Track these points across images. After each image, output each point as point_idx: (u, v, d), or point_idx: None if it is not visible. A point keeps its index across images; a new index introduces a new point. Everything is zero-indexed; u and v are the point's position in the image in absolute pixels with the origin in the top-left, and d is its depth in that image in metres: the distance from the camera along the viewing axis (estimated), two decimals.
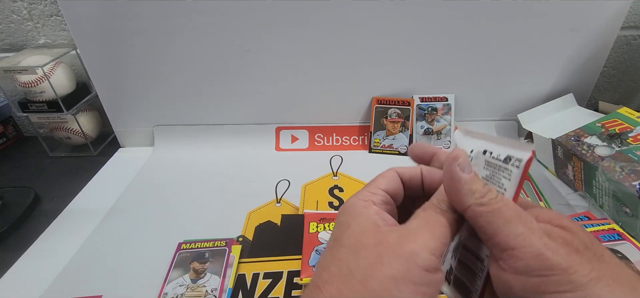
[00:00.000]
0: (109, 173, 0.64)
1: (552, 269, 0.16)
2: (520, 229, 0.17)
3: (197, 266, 0.44)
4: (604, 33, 0.59)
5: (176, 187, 0.60)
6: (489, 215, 0.18)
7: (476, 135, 0.22)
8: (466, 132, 0.22)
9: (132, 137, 0.71)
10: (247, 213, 0.52)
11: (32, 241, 0.50)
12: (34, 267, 0.46)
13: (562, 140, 0.52)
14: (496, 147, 0.20)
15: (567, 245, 0.17)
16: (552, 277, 0.16)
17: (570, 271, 0.16)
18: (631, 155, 0.44)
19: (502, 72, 0.63)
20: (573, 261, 0.16)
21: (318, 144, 0.69)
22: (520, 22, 0.57)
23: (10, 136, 0.76)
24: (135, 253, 0.47)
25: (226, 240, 0.47)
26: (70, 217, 0.54)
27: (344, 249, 0.20)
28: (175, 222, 0.52)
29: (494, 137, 0.21)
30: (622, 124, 0.50)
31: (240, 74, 0.63)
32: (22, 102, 0.64)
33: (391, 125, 0.65)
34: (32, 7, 0.66)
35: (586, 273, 0.16)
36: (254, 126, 0.69)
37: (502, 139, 0.20)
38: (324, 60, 0.61)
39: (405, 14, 0.57)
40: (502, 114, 0.67)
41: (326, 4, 0.56)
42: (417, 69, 0.63)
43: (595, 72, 0.64)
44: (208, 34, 0.59)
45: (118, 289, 0.42)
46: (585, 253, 0.17)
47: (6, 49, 0.71)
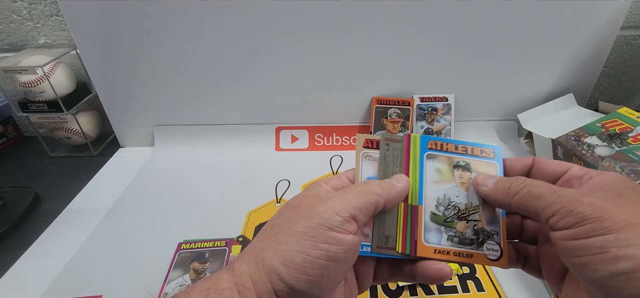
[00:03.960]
0: (109, 173, 0.64)
1: (583, 219, 0.19)
2: (551, 199, 0.20)
3: (197, 266, 0.44)
4: (604, 33, 0.59)
5: (176, 187, 0.60)
6: (523, 200, 0.22)
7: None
8: None
9: (132, 137, 0.71)
10: (247, 213, 0.52)
11: (32, 241, 0.50)
12: (34, 267, 0.46)
13: (562, 140, 0.52)
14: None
15: (604, 198, 0.19)
16: (586, 224, 0.19)
17: (602, 218, 0.18)
18: (631, 155, 0.44)
19: (502, 72, 0.63)
20: (605, 210, 0.18)
21: (318, 144, 0.69)
22: (520, 22, 0.57)
23: (10, 136, 0.76)
24: (135, 253, 0.47)
25: (226, 240, 0.47)
26: (70, 217, 0.54)
27: (276, 214, 0.24)
28: (175, 222, 0.52)
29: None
30: (622, 124, 0.50)
31: (240, 74, 0.63)
32: (22, 102, 0.64)
33: (391, 125, 0.65)
34: (32, 7, 0.66)
35: (620, 220, 0.18)
36: (254, 126, 0.69)
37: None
38: (324, 60, 0.61)
39: (406, 14, 0.57)
40: (502, 114, 0.67)
41: (326, 4, 0.56)
42: (417, 69, 0.63)
43: (595, 72, 0.64)
44: (208, 33, 0.59)
45: (118, 289, 0.42)
46: (623, 203, 0.19)
47: (6, 49, 0.71)
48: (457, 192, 0.26)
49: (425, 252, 0.25)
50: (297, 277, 0.20)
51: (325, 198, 0.23)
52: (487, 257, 0.25)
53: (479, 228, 0.26)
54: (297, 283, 0.20)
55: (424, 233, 0.26)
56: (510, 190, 0.23)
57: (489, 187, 0.25)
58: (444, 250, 0.25)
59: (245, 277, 0.21)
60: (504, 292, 0.39)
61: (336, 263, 0.21)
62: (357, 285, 0.27)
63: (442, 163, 0.27)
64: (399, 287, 0.39)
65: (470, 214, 0.26)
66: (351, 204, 0.23)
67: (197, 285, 0.22)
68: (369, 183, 0.25)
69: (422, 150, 0.27)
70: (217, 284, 0.21)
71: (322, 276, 0.21)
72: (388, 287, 0.40)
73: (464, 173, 0.27)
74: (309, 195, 0.24)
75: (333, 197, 0.23)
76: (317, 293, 0.21)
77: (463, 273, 0.41)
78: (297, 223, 0.22)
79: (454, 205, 0.26)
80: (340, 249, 0.21)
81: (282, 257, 0.21)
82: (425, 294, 0.39)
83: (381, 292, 0.39)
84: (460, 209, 0.26)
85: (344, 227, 0.22)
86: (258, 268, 0.21)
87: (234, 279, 0.21)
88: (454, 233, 0.26)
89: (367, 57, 0.61)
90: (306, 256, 0.21)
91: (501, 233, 0.25)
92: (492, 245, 0.25)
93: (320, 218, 0.22)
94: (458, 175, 0.27)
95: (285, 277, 0.20)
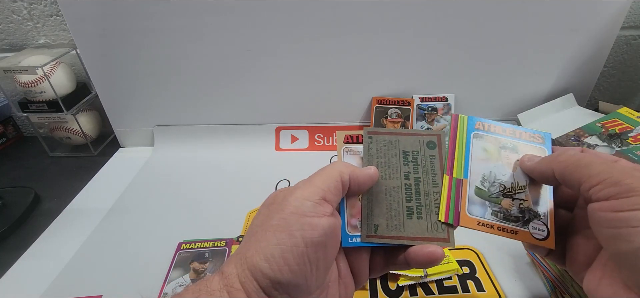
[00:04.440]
0: (109, 173, 0.64)
1: (629, 191, 0.19)
2: (601, 167, 0.21)
3: (197, 266, 0.44)
4: (604, 33, 0.59)
5: (176, 187, 0.60)
6: (569, 166, 0.22)
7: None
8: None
9: (132, 137, 0.71)
10: (247, 214, 0.52)
11: (32, 241, 0.50)
12: (34, 267, 0.46)
13: (562, 140, 0.52)
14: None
15: None
16: (629, 197, 0.19)
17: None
18: (631, 155, 0.44)
19: (502, 72, 0.63)
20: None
21: (318, 144, 0.69)
22: (520, 22, 0.57)
23: (10, 136, 0.76)
24: (135, 253, 0.47)
25: (226, 240, 0.47)
26: (70, 217, 0.54)
27: (255, 216, 0.25)
28: (175, 222, 0.52)
29: None
30: (622, 124, 0.50)
31: (240, 74, 0.63)
32: (22, 102, 0.64)
33: (391, 125, 0.65)
34: (32, 7, 0.66)
35: None
36: (254, 126, 0.69)
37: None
38: (324, 60, 0.61)
39: (406, 14, 0.57)
40: (502, 114, 0.67)
41: (326, 4, 0.56)
42: (417, 69, 0.63)
43: (595, 72, 0.64)
44: (208, 33, 0.59)
45: (118, 289, 0.42)
46: None
47: (6, 49, 0.71)
48: (504, 171, 0.27)
49: (468, 222, 0.26)
50: (279, 270, 0.21)
51: (294, 189, 0.24)
52: (533, 235, 0.25)
53: (526, 206, 0.26)
54: (281, 276, 0.21)
55: (468, 205, 0.26)
56: (559, 157, 0.23)
57: (534, 161, 0.25)
58: (487, 223, 0.26)
59: (233, 277, 0.21)
60: (504, 292, 0.39)
61: (315, 248, 0.22)
62: (353, 279, 0.27)
63: (489, 143, 0.28)
64: (399, 287, 0.39)
65: (516, 193, 0.26)
66: (319, 187, 0.23)
67: (189, 287, 0.22)
68: (332, 164, 0.26)
69: (469, 129, 0.28)
70: (208, 286, 0.22)
71: (304, 263, 0.21)
72: (388, 287, 0.40)
73: (511, 155, 0.27)
74: (280, 191, 0.25)
75: (301, 185, 0.24)
76: (303, 283, 0.21)
77: (463, 273, 0.41)
78: (271, 218, 0.22)
79: (500, 183, 0.27)
80: (316, 233, 0.22)
81: (263, 253, 0.21)
82: (425, 294, 0.39)
83: (381, 292, 0.39)
84: (507, 187, 0.26)
85: (316, 211, 0.22)
86: (243, 269, 0.21)
87: (223, 281, 0.22)
88: (498, 209, 0.26)
89: (367, 57, 0.61)
90: (284, 246, 0.21)
91: (549, 214, 0.26)
92: (539, 224, 0.25)
93: (291, 207, 0.22)
94: (505, 155, 0.27)
95: (268, 272, 0.21)
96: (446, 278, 0.40)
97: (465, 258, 0.43)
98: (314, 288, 0.22)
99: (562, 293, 0.35)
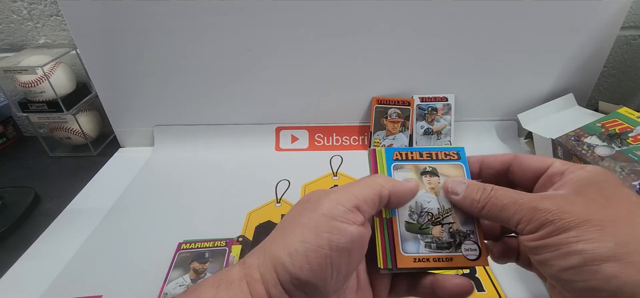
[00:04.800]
0: (109, 173, 0.64)
1: (544, 223, 0.20)
2: (513, 209, 0.22)
3: (197, 266, 0.44)
4: (604, 33, 0.59)
5: (176, 187, 0.60)
6: (491, 211, 0.23)
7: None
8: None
9: (132, 137, 0.71)
10: (247, 213, 0.52)
11: (32, 241, 0.50)
12: (34, 267, 0.46)
13: (562, 140, 0.52)
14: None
15: (563, 198, 0.21)
16: (546, 227, 0.20)
17: (558, 219, 0.19)
18: (631, 155, 0.44)
19: (502, 72, 0.63)
20: (561, 211, 0.20)
21: (318, 144, 0.69)
22: (520, 22, 0.57)
23: (10, 136, 0.76)
24: (135, 253, 0.47)
25: (226, 240, 0.47)
26: (70, 217, 0.54)
27: (287, 212, 0.25)
28: (175, 222, 0.52)
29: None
30: (622, 124, 0.50)
31: (240, 74, 0.63)
32: (22, 102, 0.64)
33: (391, 125, 0.65)
34: (32, 7, 0.66)
35: (573, 218, 0.19)
36: (254, 126, 0.69)
37: None
38: (324, 60, 0.61)
39: (405, 13, 0.57)
40: (502, 114, 0.67)
41: (326, 4, 0.56)
42: (417, 69, 0.63)
43: (595, 72, 0.64)
44: (208, 33, 0.59)
45: (118, 289, 0.42)
46: (579, 201, 0.20)
47: (6, 49, 0.71)
48: (428, 198, 0.26)
49: (405, 262, 0.25)
50: (300, 266, 0.21)
51: (330, 192, 0.24)
52: (467, 257, 0.25)
53: (455, 230, 0.26)
54: (301, 273, 0.21)
55: (402, 243, 0.25)
56: (479, 204, 0.24)
57: (459, 195, 0.25)
58: (423, 258, 0.25)
59: (253, 268, 0.22)
60: (504, 292, 0.39)
61: (339, 253, 0.21)
62: (371, 293, 0.26)
63: (410, 172, 0.27)
64: None
65: (444, 218, 0.26)
66: (355, 195, 0.23)
67: (210, 277, 0.22)
68: (374, 176, 0.25)
69: (388, 162, 0.28)
70: (228, 276, 0.22)
71: (325, 266, 0.21)
72: None
73: (432, 179, 0.27)
74: (316, 192, 0.25)
75: (338, 190, 0.24)
76: (321, 284, 0.21)
77: (463, 273, 0.41)
78: (302, 216, 0.23)
79: (427, 211, 0.26)
80: (343, 239, 0.21)
81: (287, 248, 0.21)
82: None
83: None
84: (434, 214, 0.26)
85: (347, 217, 0.22)
86: (265, 260, 0.22)
87: (244, 271, 0.22)
88: (431, 239, 0.25)
89: (367, 57, 0.61)
90: (308, 245, 0.21)
91: (477, 232, 0.25)
92: (470, 244, 0.25)
93: (323, 209, 0.22)
94: (426, 181, 0.27)
95: (289, 266, 0.21)
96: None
97: None
98: (331, 292, 0.22)
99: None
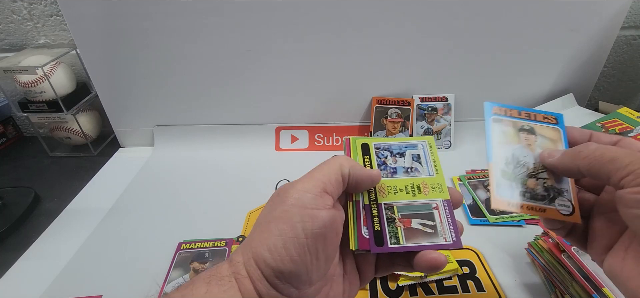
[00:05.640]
0: (109, 173, 0.64)
1: None
2: (627, 160, 0.21)
3: (197, 266, 0.44)
4: (604, 33, 0.59)
5: (176, 187, 0.60)
6: (595, 162, 0.22)
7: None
8: None
9: (132, 137, 0.71)
10: (247, 213, 0.52)
11: (32, 241, 0.50)
12: (34, 267, 0.46)
13: None
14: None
15: None
16: None
17: None
18: None
19: (502, 72, 0.63)
20: None
21: (318, 144, 0.69)
22: (520, 22, 0.57)
23: (10, 136, 0.76)
24: (135, 253, 0.47)
25: (226, 240, 0.47)
26: (70, 217, 0.54)
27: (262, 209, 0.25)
28: (175, 222, 0.52)
29: None
30: (622, 124, 0.50)
31: (240, 74, 0.63)
32: (22, 102, 0.64)
33: (391, 125, 0.65)
34: (32, 7, 0.66)
35: None
36: (254, 126, 0.69)
37: None
38: (324, 60, 0.61)
39: (405, 13, 0.57)
40: None
41: (326, 4, 0.56)
42: (417, 69, 0.63)
43: (595, 72, 0.64)
44: (208, 33, 0.59)
45: (118, 289, 0.42)
46: None
47: (6, 49, 0.71)
48: (525, 153, 0.28)
49: (499, 204, 0.26)
50: (281, 259, 0.22)
51: (296, 182, 0.24)
52: (560, 211, 0.26)
53: (549, 185, 0.27)
54: (282, 265, 0.22)
55: (496, 189, 0.26)
56: (581, 154, 0.23)
57: (555, 157, 0.26)
58: (516, 204, 0.26)
59: (240, 265, 0.23)
60: (504, 292, 0.39)
61: (315, 239, 0.22)
62: (358, 277, 0.27)
63: (508, 127, 0.29)
64: (399, 287, 0.39)
65: (539, 172, 0.27)
66: (319, 179, 0.24)
67: (201, 275, 0.23)
68: (334, 157, 0.26)
69: (487, 114, 0.29)
70: (218, 272, 0.23)
71: (304, 254, 0.22)
72: (388, 287, 0.40)
73: (529, 136, 0.28)
74: (283, 186, 0.25)
75: (302, 179, 0.25)
76: (304, 272, 0.22)
77: (463, 273, 0.41)
78: (274, 211, 0.23)
79: (523, 164, 0.27)
80: (316, 224, 0.22)
81: (265, 244, 0.22)
82: (425, 294, 0.39)
83: (381, 292, 0.39)
84: (529, 168, 0.27)
85: (316, 203, 0.23)
86: (248, 258, 0.23)
87: (231, 268, 0.23)
88: (525, 189, 0.27)
89: (367, 57, 0.61)
90: (285, 237, 0.22)
91: (571, 191, 0.26)
92: (564, 201, 0.26)
93: (292, 199, 0.23)
94: (524, 137, 0.28)
95: (270, 261, 0.22)
96: (446, 278, 0.40)
97: (465, 258, 0.43)
98: (315, 278, 0.23)
99: (562, 293, 0.35)
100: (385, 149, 0.31)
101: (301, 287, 0.23)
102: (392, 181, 0.29)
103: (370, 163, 0.30)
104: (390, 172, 0.29)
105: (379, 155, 0.30)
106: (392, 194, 0.28)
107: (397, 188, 0.28)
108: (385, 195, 0.28)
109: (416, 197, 0.28)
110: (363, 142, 0.31)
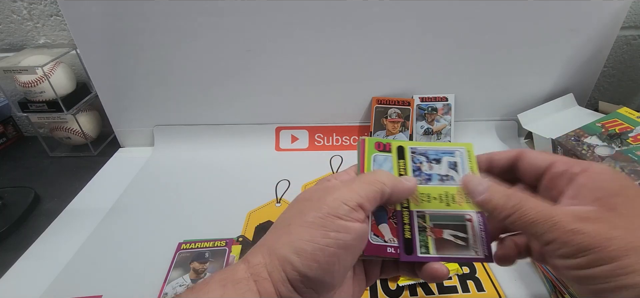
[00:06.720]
0: (109, 173, 0.64)
1: (585, 249, 0.18)
2: (545, 227, 0.20)
3: (197, 266, 0.44)
4: (604, 33, 0.59)
5: (176, 187, 0.60)
6: (515, 221, 0.21)
7: None
8: None
9: (132, 137, 0.71)
10: (247, 213, 0.52)
11: (32, 241, 0.50)
12: (34, 267, 0.46)
13: (562, 140, 0.52)
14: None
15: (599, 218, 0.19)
16: (588, 255, 0.18)
17: (602, 247, 0.18)
18: (631, 155, 0.44)
19: (502, 72, 0.63)
20: (604, 237, 0.18)
21: (318, 144, 0.69)
22: (520, 22, 0.57)
23: (10, 136, 0.76)
24: (135, 253, 0.47)
25: (226, 240, 0.47)
26: (70, 217, 0.54)
27: (287, 208, 0.25)
28: (175, 222, 0.52)
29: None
30: (622, 124, 0.50)
31: (240, 74, 0.63)
32: (22, 102, 0.64)
33: (391, 125, 0.65)
34: (32, 7, 0.66)
35: (620, 245, 0.18)
36: (254, 126, 0.69)
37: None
38: (324, 60, 0.61)
39: (406, 13, 0.57)
40: (502, 114, 0.67)
41: (326, 4, 0.56)
42: (417, 69, 0.63)
43: (595, 72, 0.64)
44: (208, 34, 0.59)
45: (118, 289, 0.42)
46: (619, 222, 0.18)
47: (6, 49, 0.71)
48: None
49: None
50: (309, 265, 0.21)
51: (333, 189, 0.24)
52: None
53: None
54: (310, 271, 0.21)
55: None
56: (504, 212, 0.22)
57: (481, 196, 0.24)
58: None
59: (260, 267, 0.22)
60: (504, 292, 0.39)
61: (345, 250, 0.22)
62: (365, 278, 0.28)
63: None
64: (399, 287, 0.39)
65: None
66: (358, 193, 0.23)
67: (214, 276, 0.22)
68: (376, 173, 0.26)
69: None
70: (233, 275, 0.22)
71: (333, 263, 0.22)
72: (388, 287, 0.40)
73: None
74: (317, 189, 0.25)
75: (340, 188, 0.24)
76: (329, 280, 0.22)
77: (463, 273, 0.41)
78: (307, 215, 0.23)
79: None
80: (349, 237, 0.22)
81: (294, 247, 0.22)
82: (425, 294, 0.39)
83: (381, 292, 0.39)
84: None
85: (351, 215, 0.23)
86: (272, 259, 0.22)
87: (250, 270, 0.22)
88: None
89: (367, 57, 0.61)
90: (316, 244, 0.21)
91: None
92: None
93: (328, 208, 0.22)
94: None
95: (298, 265, 0.21)
96: (446, 278, 0.40)
97: None
98: (337, 285, 0.23)
99: (562, 293, 0.35)
100: (421, 154, 0.29)
101: (322, 292, 0.23)
102: (426, 188, 0.28)
103: (405, 168, 0.28)
104: (425, 178, 0.28)
105: (414, 160, 0.29)
106: (425, 202, 0.27)
107: (430, 196, 0.27)
108: (418, 203, 0.27)
109: (450, 206, 0.27)
110: (399, 145, 0.29)
